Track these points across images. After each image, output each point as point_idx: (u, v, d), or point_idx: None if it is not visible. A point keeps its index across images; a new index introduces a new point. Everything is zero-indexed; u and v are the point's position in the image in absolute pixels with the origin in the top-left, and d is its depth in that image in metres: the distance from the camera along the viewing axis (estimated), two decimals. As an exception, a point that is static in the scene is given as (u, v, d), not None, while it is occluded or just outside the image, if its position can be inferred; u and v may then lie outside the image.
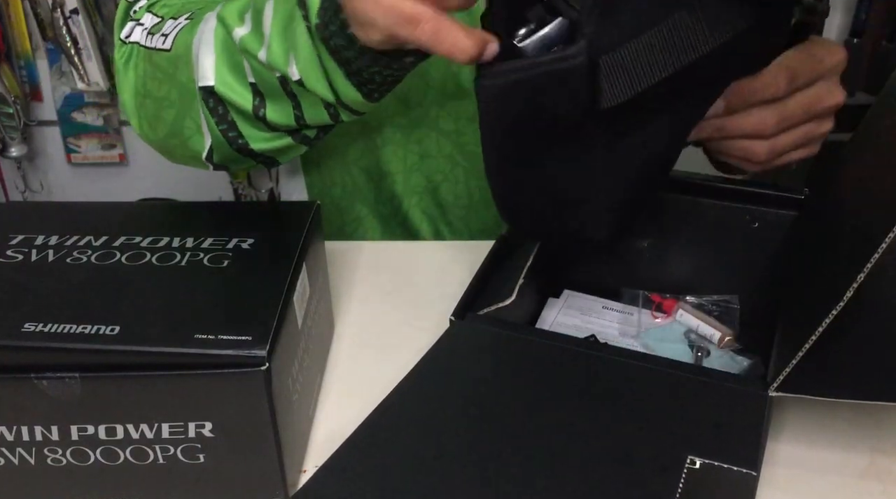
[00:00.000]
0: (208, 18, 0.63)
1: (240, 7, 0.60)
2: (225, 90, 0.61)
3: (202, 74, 0.62)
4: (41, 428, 0.49)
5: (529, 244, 0.63)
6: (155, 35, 0.66)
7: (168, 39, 0.64)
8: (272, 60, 0.58)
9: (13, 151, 1.74)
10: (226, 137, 0.64)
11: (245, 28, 0.59)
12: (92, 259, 0.55)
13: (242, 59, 0.60)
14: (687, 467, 0.46)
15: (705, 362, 0.63)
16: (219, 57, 0.61)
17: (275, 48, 0.57)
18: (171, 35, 0.64)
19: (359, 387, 0.62)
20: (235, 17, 0.60)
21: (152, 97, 0.68)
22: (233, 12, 0.60)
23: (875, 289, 0.47)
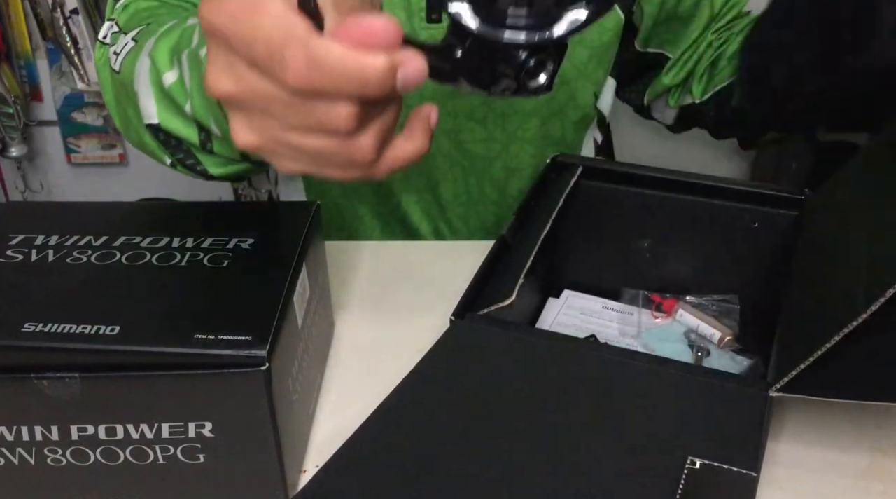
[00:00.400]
0: (146, 50, 0.60)
1: (171, 45, 0.57)
2: (170, 127, 0.58)
3: (146, 112, 0.59)
4: (41, 428, 0.49)
5: (529, 244, 0.63)
6: (112, 48, 0.64)
7: (118, 61, 0.61)
8: (196, 115, 0.56)
9: (13, 151, 1.74)
10: (184, 164, 0.62)
11: (173, 74, 0.56)
12: (92, 259, 0.55)
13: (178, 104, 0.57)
14: (687, 468, 0.46)
15: (705, 362, 0.63)
16: (156, 98, 0.58)
17: (196, 103, 0.55)
18: (121, 57, 0.62)
19: (359, 387, 0.62)
20: (166, 59, 0.56)
21: (117, 110, 0.66)
22: (164, 53, 0.56)
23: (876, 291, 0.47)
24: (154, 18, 0.64)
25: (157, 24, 0.63)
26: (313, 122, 0.39)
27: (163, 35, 0.58)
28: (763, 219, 0.66)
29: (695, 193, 0.67)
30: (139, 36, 0.61)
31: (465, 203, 0.88)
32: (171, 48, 0.55)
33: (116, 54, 0.62)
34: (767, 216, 0.66)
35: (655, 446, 0.48)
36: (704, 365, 0.63)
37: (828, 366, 0.49)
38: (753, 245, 0.67)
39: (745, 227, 0.67)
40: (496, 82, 0.45)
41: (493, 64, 0.44)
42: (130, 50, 0.61)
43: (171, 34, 0.57)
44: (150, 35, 0.61)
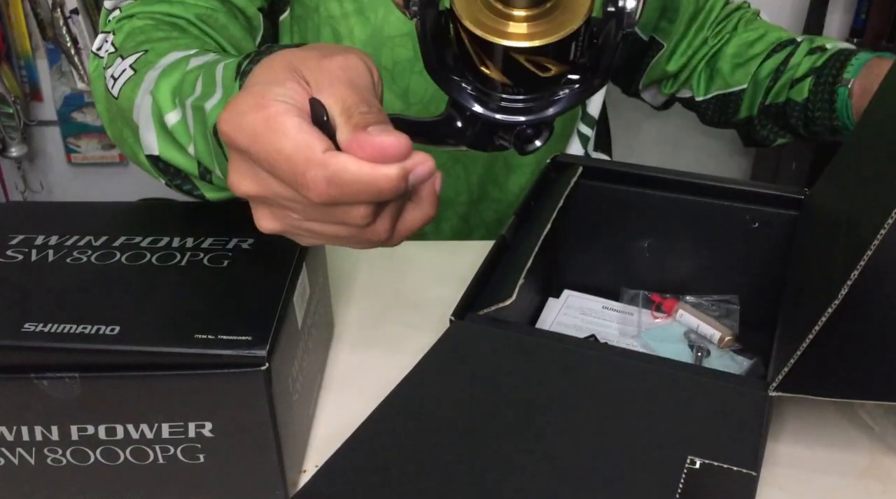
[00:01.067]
0: (147, 83, 0.59)
1: (172, 87, 0.57)
2: (170, 159, 0.58)
3: (146, 144, 0.59)
4: (41, 428, 0.49)
5: (529, 244, 0.63)
6: (108, 70, 0.64)
7: (116, 86, 0.62)
8: (199, 157, 0.56)
9: (13, 151, 1.74)
10: (181, 190, 0.62)
11: (176, 114, 0.56)
12: (92, 259, 0.55)
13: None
14: (687, 467, 0.46)
15: (705, 362, 0.63)
16: (158, 133, 0.58)
17: (200, 148, 0.55)
18: (119, 82, 0.62)
19: (359, 387, 0.62)
20: (168, 99, 0.57)
21: (111, 126, 0.66)
22: (165, 93, 0.57)
23: (873, 289, 0.47)
24: (151, 45, 0.63)
25: (154, 53, 0.62)
26: (333, 219, 0.43)
27: (164, 75, 0.58)
28: (763, 219, 0.66)
29: (695, 193, 0.67)
30: (137, 65, 0.61)
31: (467, 201, 0.88)
32: (172, 89, 0.56)
33: (114, 78, 0.62)
34: (767, 216, 0.66)
35: (655, 445, 0.48)
36: (704, 365, 0.63)
37: (827, 366, 0.49)
38: (753, 245, 0.67)
39: (745, 227, 0.67)
40: (493, 146, 0.49)
41: (491, 133, 0.49)
42: (129, 79, 0.61)
43: (172, 74, 0.57)
44: (148, 66, 0.61)
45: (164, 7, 0.69)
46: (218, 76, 0.53)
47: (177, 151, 0.58)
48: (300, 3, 0.82)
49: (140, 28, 0.67)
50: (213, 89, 0.53)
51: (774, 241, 0.66)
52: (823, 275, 0.53)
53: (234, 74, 0.52)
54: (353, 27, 0.80)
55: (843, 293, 0.46)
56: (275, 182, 0.41)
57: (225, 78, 0.52)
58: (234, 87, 0.51)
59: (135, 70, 0.61)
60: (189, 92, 0.55)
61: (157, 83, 0.57)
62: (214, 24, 0.71)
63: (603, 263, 0.71)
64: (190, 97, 0.54)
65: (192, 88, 0.55)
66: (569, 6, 0.45)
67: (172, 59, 0.60)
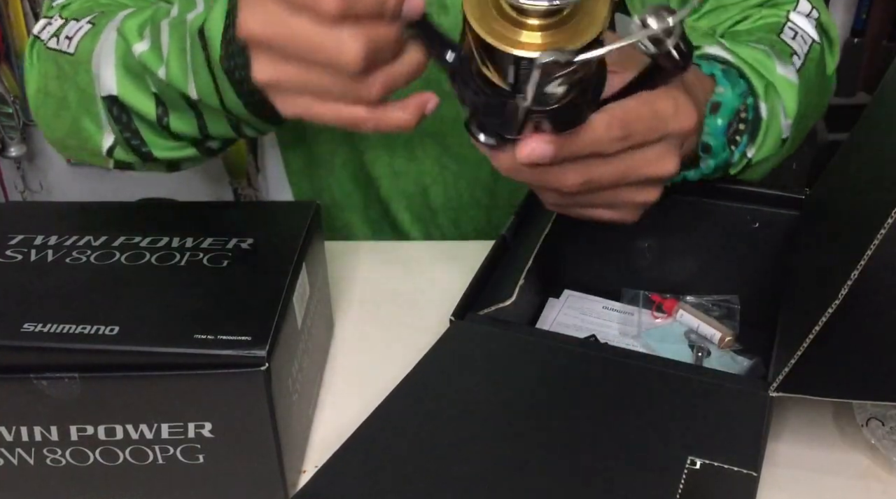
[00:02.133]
0: (109, 29, 0.62)
1: (139, 22, 0.60)
2: (128, 99, 0.60)
3: (104, 84, 0.61)
4: (41, 428, 0.49)
5: (529, 244, 0.63)
6: (59, 37, 0.65)
7: (72, 43, 0.63)
8: (171, 79, 0.57)
9: (13, 150, 1.74)
10: (129, 144, 0.63)
11: (144, 44, 0.58)
12: (91, 259, 0.55)
13: (144, 73, 0.59)
14: (687, 468, 0.46)
15: (706, 363, 0.63)
16: (119, 69, 0.60)
17: (173, 67, 0.57)
18: (75, 39, 0.63)
19: (359, 387, 0.62)
20: (135, 32, 0.59)
21: (53, 96, 0.67)
22: (132, 27, 0.59)
23: (873, 289, 0.47)
24: (108, 8, 0.65)
25: (116, 8, 0.64)
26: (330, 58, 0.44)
27: (131, 15, 0.60)
28: (763, 219, 0.66)
29: (695, 193, 0.67)
30: (96, 20, 0.63)
31: (456, 207, 0.87)
32: (141, 23, 0.58)
33: (69, 38, 0.63)
34: (768, 216, 0.66)
35: (656, 446, 0.48)
36: (705, 365, 0.63)
37: (828, 366, 0.49)
38: (754, 245, 0.67)
39: (746, 227, 0.67)
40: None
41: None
42: (87, 32, 0.62)
43: (140, 14, 0.59)
44: (110, 17, 0.62)
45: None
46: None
47: (136, 89, 0.59)
48: None
49: (91, 6, 0.68)
50: (193, 6, 0.56)
51: (775, 241, 0.66)
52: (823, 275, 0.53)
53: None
54: None
55: (844, 293, 0.46)
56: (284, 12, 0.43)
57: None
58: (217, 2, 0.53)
59: (93, 24, 0.62)
60: (163, 16, 0.57)
61: (123, 21, 0.59)
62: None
63: (603, 263, 0.71)
64: (166, 19, 0.56)
65: (167, 14, 0.57)
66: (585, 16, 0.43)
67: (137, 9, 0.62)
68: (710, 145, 0.60)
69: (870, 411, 0.56)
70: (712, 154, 0.61)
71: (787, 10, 0.75)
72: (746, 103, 0.62)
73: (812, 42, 0.72)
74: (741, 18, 0.76)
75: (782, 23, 0.73)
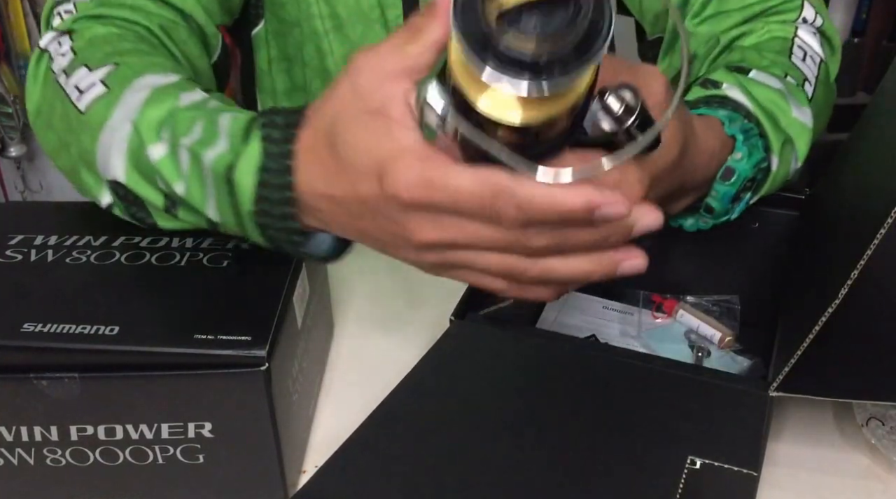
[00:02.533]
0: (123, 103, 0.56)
1: (159, 118, 0.54)
2: (136, 189, 0.55)
3: (111, 170, 0.56)
4: (41, 428, 0.49)
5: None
6: (70, 78, 0.60)
7: (83, 100, 0.58)
8: (190, 199, 0.53)
9: (12, 150, 1.74)
10: (133, 216, 0.58)
11: (161, 148, 0.53)
12: (91, 259, 0.55)
13: (156, 175, 0.54)
14: (687, 467, 0.46)
15: (706, 363, 0.63)
16: (129, 161, 0.55)
17: (193, 190, 0.53)
18: (87, 97, 0.58)
19: (359, 387, 0.62)
20: (152, 131, 0.54)
21: (54, 131, 0.62)
22: (150, 125, 0.54)
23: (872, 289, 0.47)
24: (120, 59, 0.60)
25: (127, 68, 0.59)
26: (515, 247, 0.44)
27: (149, 104, 0.55)
28: (764, 219, 0.66)
29: (695, 194, 0.67)
30: (110, 81, 0.58)
31: None
32: (159, 122, 0.54)
33: (79, 90, 0.59)
34: (768, 216, 0.66)
35: (656, 445, 0.48)
36: (705, 365, 0.63)
37: (827, 366, 0.49)
38: (754, 245, 0.67)
39: (746, 227, 0.67)
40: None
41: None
42: (101, 96, 0.57)
43: (160, 106, 0.55)
44: (124, 85, 0.57)
45: (126, 13, 0.66)
46: (223, 125, 0.52)
47: (147, 185, 0.55)
48: (276, 18, 0.80)
49: (103, 37, 0.63)
50: (216, 137, 0.51)
51: (775, 241, 0.66)
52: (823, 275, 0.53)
53: (243, 132, 0.50)
54: (333, 43, 0.79)
55: (843, 293, 0.46)
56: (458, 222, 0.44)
57: (232, 132, 0.51)
58: (242, 143, 0.50)
59: (108, 87, 0.58)
60: (183, 132, 0.53)
61: (141, 112, 0.55)
62: (176, 37, 0.68)
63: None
64: (185, 137, 0.52)
65: (188, 129, 0.53)
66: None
67: (154, 85, 0.57)
68: (713, 208, 0.60)
69: (870, 410, 0.56)
70: (714, 215, 0.60)
71: (793, 20, 0.73)
72: (760, 168, 0.61)
73: (820, 62, 0.71)
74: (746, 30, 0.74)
75: (790, 40, 0.71)
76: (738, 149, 0.59)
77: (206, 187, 0.52)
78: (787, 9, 0.74)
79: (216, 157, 0.50)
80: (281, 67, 0.84)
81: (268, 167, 0.48)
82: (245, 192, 0.49)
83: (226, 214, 0.52)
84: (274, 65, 0.84)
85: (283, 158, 0.48)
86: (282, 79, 0.84)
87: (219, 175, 0.50)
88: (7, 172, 1.83)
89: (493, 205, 0.42)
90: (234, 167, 0.49)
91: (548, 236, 0.44)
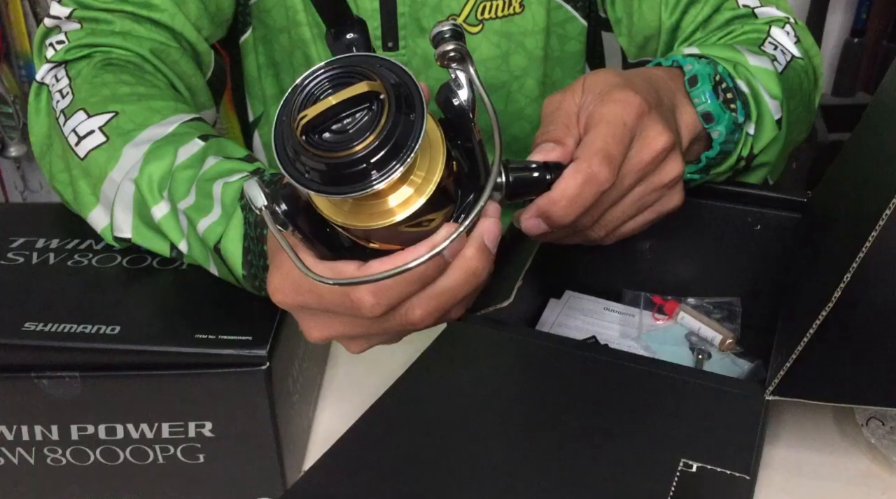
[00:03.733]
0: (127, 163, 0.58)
1: (159, 177, 0.57)
2: (143, 244, 0.58)
3: (118, 226, 0.58)
4: (41, 428, 0.49)
5: (530, 244, 0.63)
6: (68, 120, 0.61)
7: (81, 147, 0.59)
8: (193, 256, 0.56)
9: (12, 150, 1.74)
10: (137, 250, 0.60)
11: (164, 208, 0.56)
12: (93, 262, 0.55)
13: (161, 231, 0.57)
14: (681, 471, 0.46)
15: (706, 365, 0.63)
16: (136, 219, 0.58)
17: (195, 249, 0.56)
18: (85, 145, 0.59)
19: (359, 387, 0.62)
20: (155, 191, 0.56)
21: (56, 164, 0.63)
22: (151, 184, 0.56)
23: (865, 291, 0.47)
24: (120, 107, 0.61)
25: (126, 118, 0.60)
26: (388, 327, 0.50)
27: (148, 161, 0.57)
28: (765, 221, 0.66)
29: (697, 195, 0.67)
30: (109, 130, 0.59)
31: None
32: (159, 180, 0.57)
33: (78, 135, 0.60)
34: (770, 218, 0.66)
35: (651, 449, 0.47)
36: (705, 368, 0.63)
37: (825, 370, 0.49)
38: (756, 247, 0.67)
39: (748, 229, 0.67)
40: None
41: None
42: (101, 145, 0.59)
43: (158, 163, 0.57)
44: (124, 138, 0.59)
45: (117, 40, 0.67)
46: (216, 194, 0.54)
47: (155, 238, 0.57)
48: (263, 25, 0.80)
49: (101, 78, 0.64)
50: (210, 205, 0.54)
51: (777, 243, 0.66)
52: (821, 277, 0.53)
53: (232, 201, 0.54)
54: (321, 51, 0.79)
55: (837, 296, 0.46)
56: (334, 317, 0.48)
57: (225, 199, 0.54)
58: (235, 210, 0.53)
59: (107, 137, 0.59)
60: (181, 196, 0.55)
61: (141, 171, 0.57)
62: (167, 58, 0.69)
63: (605, 263, 0.71)
64: (182, 202, 0.55)
65: (185, 193, 0.55)
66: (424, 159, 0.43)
67: (153, 138, 0.59)
68: (709, 113, 0.60)
69: (870, 410, 0.56)
70: (716, 120, 0.60)
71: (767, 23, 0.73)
72: (720, 73, 0.61)
73: (793, 57, 0.71)
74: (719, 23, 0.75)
75: (763, 37, 0.72)
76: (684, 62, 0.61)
77: (205, 249, 0.55)
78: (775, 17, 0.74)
79: (208, 226, 0.54)
80: (269, 73, 0.84)
81: (248, 235, 0.52)
82: (235, 260, 0.53)
83: (225, 275, 0.55)
84: (262, 71, 0.83)
85: (261, 227, 0.52)
86: (270, 84, 0.84)
87: (210, 245, 0.54)
88: (7, 172, 1.83)
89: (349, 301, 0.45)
90: (223, 237, 0.53)
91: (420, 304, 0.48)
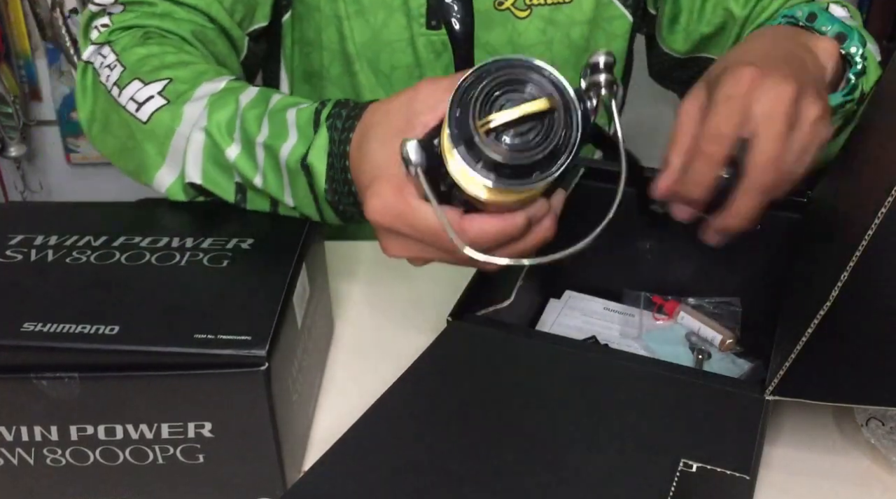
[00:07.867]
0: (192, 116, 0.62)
1: (227, 120, 0.61)
2: (210, 187, 0.62)
3: (188, 173, 0.62)
4: (41, 428, 0.49)
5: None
6: (123, 90, 0.64)
7: (143, 111, 0.63)
8: (268, 188, 0.60)
9: (12, 150, 1.74)
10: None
11: (235, 148, 0.60)
12: (91, 259, 0.55)
13: (233, 169, 0.61)
14: (681, 470, 0.46)
15: (706, 365, 0.63)
16: (207, 164, 0.62)
17: (270, 180, 0.60)
18: (146, 108, 0.63)
19: (359, 387, 0.62)
20: (224, 134, 0.60)
21: (115, 136, 0.67)
22: (221, 128, 0.60)
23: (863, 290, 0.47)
24: (172, 73, 0.64)
25: (180, 82, 0.64)
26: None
27: (213, 109, 0.61)
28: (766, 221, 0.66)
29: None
30: (168, 93, 0.63)
31: None
32: (227, 123, 0.60)
33: (137, 102, 0.63)
34: (770, 219, 0.66)
35: (651, 448, 0.47)
36: (705, 368, 0.63)
37: (824, 370, 0.49)
38: (756, 247, 0.67)
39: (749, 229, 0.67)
40: None
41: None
42: (162, 107, 0.63)
43: (222, 110, 0.61)
44: (183, 98, 0.62)
45: (157, 21, 0.70)
46: (290, 120, 0.59)
47: (222, 179, 0.62)
48: (301, 2, 0.82)
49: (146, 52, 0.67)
50: (286, 132, 0.58)
51: (777, 243, 0.66)
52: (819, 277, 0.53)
53: (309, 123, 0.58)
54: (354, 29, 0.79)
55: (834, 295, 0.46)
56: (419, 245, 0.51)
57: (300, 122, 0.58)
58: (310, 133, 0.57)
59: (167, 99, 0.63)
60: (255, 132, 0.59)
61: (209, 119, 0.61)
62: (206, 40, 0.72)
63: (605, 264, 0.71)
64: (259, 136, 0.59)
65: (258, 128, 0.59)
66: None
67: (211, 92, 0.62)
68: (840, 33, 0.65)
69: (870, 411, 0.56)
70: (848, 37, 0.65)
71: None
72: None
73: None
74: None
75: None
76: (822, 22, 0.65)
77: (283, 177, 0.59)
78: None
79: (291, 149, 0.58)
80: (300, 51, 0.85)
81: (332, 152, 0.56)
82: (320, 175, 0.57)
83: (303, 197, 0.59)
84: (295, 48, 0.85)
85: (344, 144, 0.56)
86: (300, 62, 0.86)
87: (294, 167, 0.58)
88: (7, 172, 1.83)
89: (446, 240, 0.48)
90: (307, 155, 0.57)
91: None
